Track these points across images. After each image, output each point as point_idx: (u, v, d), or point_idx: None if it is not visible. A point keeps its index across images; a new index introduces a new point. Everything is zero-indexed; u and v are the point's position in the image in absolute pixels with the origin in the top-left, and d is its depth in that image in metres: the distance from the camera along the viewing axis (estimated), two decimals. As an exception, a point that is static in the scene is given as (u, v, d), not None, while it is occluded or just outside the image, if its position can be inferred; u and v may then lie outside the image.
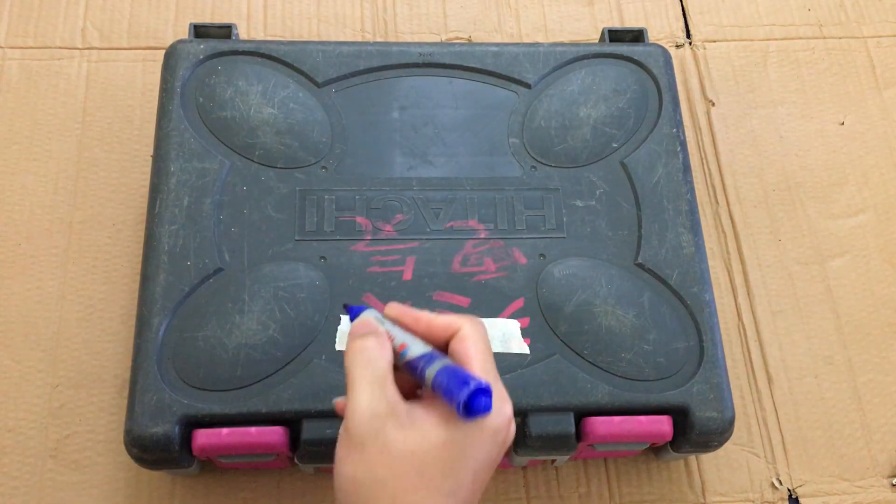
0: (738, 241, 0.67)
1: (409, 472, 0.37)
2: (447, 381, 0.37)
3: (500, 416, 0.38)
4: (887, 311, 0.66)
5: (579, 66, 0.62)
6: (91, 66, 0.70)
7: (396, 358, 0.40)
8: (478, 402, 0.36)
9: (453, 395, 0.36)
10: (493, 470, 0.40)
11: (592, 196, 0.58)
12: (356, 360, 0.39)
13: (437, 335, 0.41)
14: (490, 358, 0.40)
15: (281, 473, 0.57)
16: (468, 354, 0.39)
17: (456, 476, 0.37)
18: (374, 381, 0.38)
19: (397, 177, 0.57)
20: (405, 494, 0.37)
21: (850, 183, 0.70)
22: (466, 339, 0.39)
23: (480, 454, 0.38)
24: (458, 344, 0.39)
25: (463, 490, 0.37)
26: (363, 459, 0.37)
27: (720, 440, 0.52)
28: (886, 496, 0.60)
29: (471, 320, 0.40)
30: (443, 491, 0.37)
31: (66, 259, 0.63)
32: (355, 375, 0.38)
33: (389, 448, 0.37)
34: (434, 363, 0.38)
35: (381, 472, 0.37)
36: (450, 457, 0.37)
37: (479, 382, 0.36)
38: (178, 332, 0.51)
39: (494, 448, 0.38)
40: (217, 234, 0.54)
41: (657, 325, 0.54)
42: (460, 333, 0.40)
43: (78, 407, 0.58)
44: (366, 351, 0.39)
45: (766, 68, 0.74)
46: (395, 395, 0.38)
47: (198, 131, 0.57)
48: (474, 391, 0.36)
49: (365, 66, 0.60)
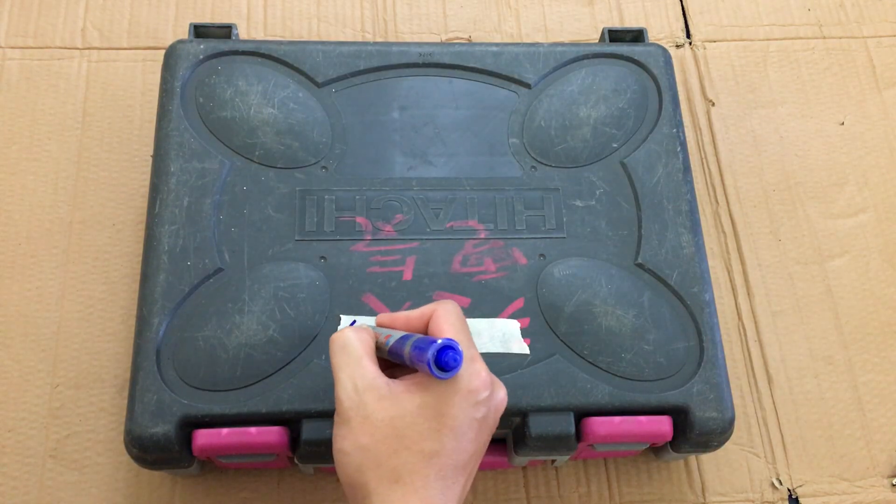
0: (738, 241, 0.67)
1: (389, 437, 0.39)
2: (418, 347, 0.39)
3: (473, 376, 0.40)
4: (887, 311, 0.66)
5: (579, 66, 0.62)
6: (91, 66, 0.70)
7: (383, 350, 0.43)
8: (446, 357, 0.38)
9: (423, 355, 0.38)
10: (483, 432, 0.41)
11: (592, 196, 0.58)
12: (335, 350, 0.42)
13: (415, 326, 0.44)
14: (464, 329, 0.42)
15: (281, 473, 0.57)
16: (441, 329, 0.41)
17: (436, 437, 0.39)
18: (350, 362, 0.41)
19: (397, 177, 0.57)
20: (388, 458, 0.39)
21: (850, 183, 0.70)
22: (440, 318, 0.42)
23: (460, 414, 0.39)
24: (433, 325, 0.42)
25: (446, 451, 0.39)
26: (350, 432, 0.40)
27: (720, 440, 0.52)
28: (886, 496, 0.60)
29: (442, 303, 0.43)
30: (424, 453, 0.39)
31: (66, 259, 0.63)
32: (335, 363, 0.42)
33: (370, 417, 0.40)
34: (410, 339, 0.41)
35: (364, 440, 0.39)
36: (426, 419, 0.39)
37: (445, 340, 0.38)
38: (178, 332, 0.51)
39: (474, 409, 0.40)
40: (217, 234, 0.54)
41: (657, 325, 0.54)
42: (434, 316, 0.43)
43: (78, 407, 0.58)
44: (341, 339, 0.42)
45: (766, 68, 0.74)
46: (374, 371, 0.41)
47: (198, 131, 0.57)
48: (441, 347, 0.38)
49: (365, 66, 0.60)
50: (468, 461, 0.40)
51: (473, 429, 0.40)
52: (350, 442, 0.40)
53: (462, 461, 0.40)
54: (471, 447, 0.40)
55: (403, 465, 0.39)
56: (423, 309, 0.44)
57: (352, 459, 0.40)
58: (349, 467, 0.40)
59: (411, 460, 0.39)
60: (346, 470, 0.40)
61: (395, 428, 0.39)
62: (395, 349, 0.42)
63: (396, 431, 0.39)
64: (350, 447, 0.40)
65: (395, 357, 0.42)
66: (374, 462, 0.39)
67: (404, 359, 0.41)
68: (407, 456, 0.39)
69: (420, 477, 0.39)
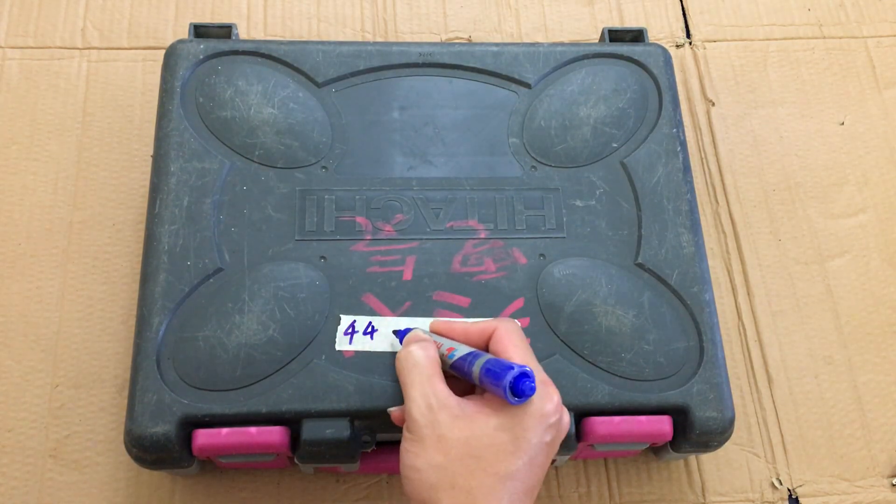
0: (738, 241, 0.67)
1: (464, 457, 0.39)
2: (492, 371, 0.40)
3: (547, 400, 0.41)
4: (887, 311, 0.66)
5: (579, 66, 0.62)
6: (91, 66, 0.70)
7: (444, 362, 0.44)
8: (522, 385, 0.39)
9: (499, 381, 0.39)
10: (550, 455, 0.42)
11: (592, 196, 0.58)
12: (405, 366, 0.43)
13: (474, 340, 0.44)
14: (529, 351, 0.43)
15: (281, 473, 0.57)
16: (507, 351, 0.42)
17: (511, 460, 0.39)
18: (423, 380, 0.42)
19: (397, 177, 0.57)
20: (463, 479, 0.39)
21: (850, 183, 0.70)
22: (503, 337, 0.43)
23: (533, 438, 0.40)
24: (496, 344, 0.43)
25: (520, 474, 0.39)
26: (423, 450, 0.40)
27: (720, 440, 0.52)
28: (886, 496, 0.60)
29: (504, 321, 0.44)
30: (500, 474, 0.39)
31: (66, 259, 0.63)
32: (406, 380, 0.42)
33: (445, 437, 0.40)
34: (479, 359, 0.41)
35: (438, 458, 0.40)
36: (503, 441, 0.39)
37: (521, 367, 0.39)
38: (178, 332, 0.51)
39: (546, 432, 0.40)
40: (217, 234, 0.54)
41: (657, 325, 0.54)
42: (496, 334, 0.43)
43: (78, 407, 0.58)
44: (412, 356, 0.43)
45: (766, 68, 0.74)
46: (445, 390, 0.41)
47: (198, 131, 0.57)
48: (518, 375, 0.39)
49: (365, 66, 0.60)
50: (536, 485, 0.41)
51: (543, 452, 0.41)
52: (423, 460, 0.40)
53: (532, 484, 0.40)
54: (540, 472, 0.41)
55: (479, 487, 0.39)
56: (483, 324, 0.44)
57: (425, 477, 0.40)
58: (421, 485, 0.40)
59: (487, 482, 0.39)
60: (416, 487, 0.40)
61: (471, 448, 0.39)
62: (459, 366, 0.42)
63: (472, 452, 0.39)
64: (423, 465, 0.40)
65: (457, 372, 0.43)
66: (448, 482, 0.39)
67: (470, 377, 0.41)
68: (483, 477, 0.39)
69: (495, 499, 0.39)
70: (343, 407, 0.50)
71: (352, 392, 0.50)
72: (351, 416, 0.50)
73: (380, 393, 0.50)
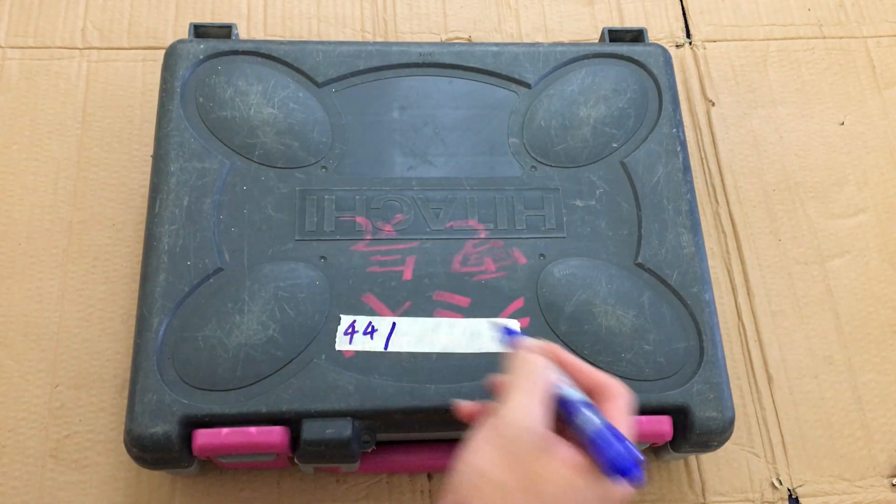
0: (738, 241, 0.67)
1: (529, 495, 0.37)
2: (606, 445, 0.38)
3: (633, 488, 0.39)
4: (887, 311, 0.66)
5: (579, 66, 0.62)
6: (91, 65, 0.70)
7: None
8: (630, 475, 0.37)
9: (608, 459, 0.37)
10: None
11: (592, 196, 0.58)
12: (524, 370, 0.40)
13: (582, 382, 0.42)
14: (635, 426, 0.41)
15: (281, 473, 0.57)
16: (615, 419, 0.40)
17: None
18: (537, 395, 0.39)
19: (397, 177, 0.57)
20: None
21: (850, 183, 0.70)
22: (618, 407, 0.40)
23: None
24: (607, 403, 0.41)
25: None
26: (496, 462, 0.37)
27: (720, 440, 0.52)
28: (886, 496, 0.60)
29: (620, 386, 0.41)
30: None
31: (66, 259, 0.63)
32: (520, 384, 0.40)
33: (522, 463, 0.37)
34: (591, 413, 0.39)
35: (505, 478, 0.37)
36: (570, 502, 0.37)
37: (637, 456, 0.37)
38: (178, 331, 0.51)
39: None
40: (217, 234, 0.54)
41: (657, 325, 0.54)
42: (611, 392, 0.41)
43: (78, 407, 0.58)
44: (536, 366, 0.40)
45: (766, 68, 0.74)
46: (545, 420, 0.39)
47: (198, 131, 0.57)
48: (633, 462, 0.37)
49: (365, 65, 0.60)
50: None
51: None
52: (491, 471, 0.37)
53: None
54: None
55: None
56: (598, 376, 0.42)
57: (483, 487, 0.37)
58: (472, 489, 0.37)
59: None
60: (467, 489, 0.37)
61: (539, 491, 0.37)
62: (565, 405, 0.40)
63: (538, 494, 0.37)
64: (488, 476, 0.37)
65: (559, 406, 0.40)
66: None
67: (572, 424, 0.39)
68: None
69: None
70: (343, 407, 0.50)
71: (352, 392, 0.50)
72: (351, 415, 0.50)
73: (380, 393, 0.50)
